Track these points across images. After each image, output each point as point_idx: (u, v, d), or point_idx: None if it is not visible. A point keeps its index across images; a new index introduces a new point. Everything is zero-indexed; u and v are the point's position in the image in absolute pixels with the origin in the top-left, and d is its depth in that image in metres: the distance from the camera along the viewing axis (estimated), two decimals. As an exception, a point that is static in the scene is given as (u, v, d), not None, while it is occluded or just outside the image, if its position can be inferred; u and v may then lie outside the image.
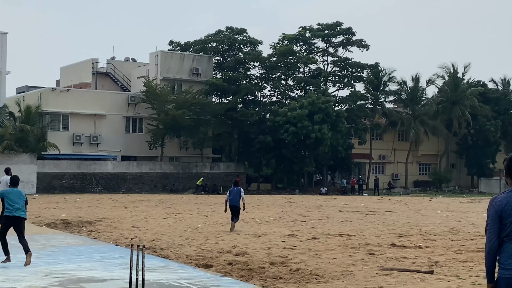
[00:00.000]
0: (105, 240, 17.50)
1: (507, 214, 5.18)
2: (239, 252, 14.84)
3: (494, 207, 5.24)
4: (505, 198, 5.24)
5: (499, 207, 5.21)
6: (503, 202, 5.23)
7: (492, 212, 5.24)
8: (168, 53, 63.91)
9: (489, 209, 5.29)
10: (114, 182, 55.23)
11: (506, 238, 5.20)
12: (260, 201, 39.45)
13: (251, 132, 61.49)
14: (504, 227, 5.19)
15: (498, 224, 5.20)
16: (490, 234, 5.21)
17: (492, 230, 5.21)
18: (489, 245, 5.20)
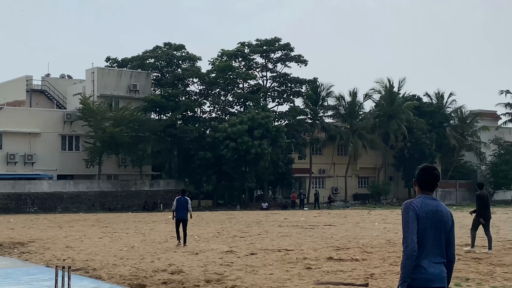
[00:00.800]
0: (36, 262, 16.90)
1: (421, 219, 5.36)
2: (175, 270, 14.53)
3: (413, 210, 5.36)
4: (419, 203, 5.42)
5: (417, 210, 5.37)
6: (419, 206, 5.40)
7: (411, 214, 5.34)
8: (105, 69, 63.02)
9: (407, 212, 5.39)
10: (50, 202, 53.84)
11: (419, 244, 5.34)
12: (200, 218, 39.02)
13: (191, 149, 61.05)
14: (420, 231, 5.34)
15: (417, 226, 5.33)
16: (411, 235, 5.29)
17: (412, 231, 5.30)
18: (411, 246, 5.25)
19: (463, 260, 15.64)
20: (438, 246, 5.42)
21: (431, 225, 5.38)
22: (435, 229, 5.40)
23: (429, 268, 5.31)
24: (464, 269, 13.92)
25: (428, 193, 5.54)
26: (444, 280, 5.39)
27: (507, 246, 19.10)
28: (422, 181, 5.56)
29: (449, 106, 76.85)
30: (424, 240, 5.34)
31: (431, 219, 5.40)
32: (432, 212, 5.42)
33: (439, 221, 5.43)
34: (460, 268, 13.94)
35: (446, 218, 5.47)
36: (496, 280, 12.19)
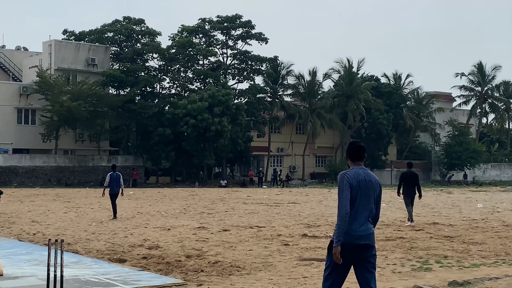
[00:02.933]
0: (6, 236, 16.55)
1: (353, 187, 6.27)
2: (152, 245, 14.42)
3: (347, 179, 6.29)
4: (352, 173, 6.35)
5: (350, 180, 6.30)
6: (352, 176, 6.33)
7: (345, 182, 6.26)
8: (62, 42, 61.71)
9: (342, 181, 6.31)
10: (5, 176, 52.75)
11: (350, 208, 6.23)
12: (162, 194, 38.89)
13: (149, 125, 60.45)
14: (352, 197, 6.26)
15: (350, 193, 6.25)
16: (345, 200, 6.21)
17: (346, 198, 6.22)
18: (345, 210, 6.19)
19: (436, 238, 15.95)
20: (368, 210, 6.34)
21: (362, 192, 6.31)
22: (365, 195, 6.33)
23: (358, 228, 6.25)
24: (439, 247, 14.19)
25: (359, 163, 6.50)
26: (370, 238, 6.35)
27: (473, 225, 19.55)
28: (352, 154, 6.55)
29: (406, 87, 78.06)
30: (355, 204, 6.26)
31: (362, 187, 6.32)
32: (363, 181, 6.35)
33: (369, 189, 6.36)
34: (436, 246, 14.23)
35: (375, 186, 6.43)
36: (474, 258, 12.47)
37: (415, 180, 19.59)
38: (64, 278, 8.58)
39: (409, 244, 14.71)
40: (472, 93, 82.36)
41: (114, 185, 21.68)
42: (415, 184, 19.53)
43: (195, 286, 9.59)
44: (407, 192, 19.50)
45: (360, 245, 6.28)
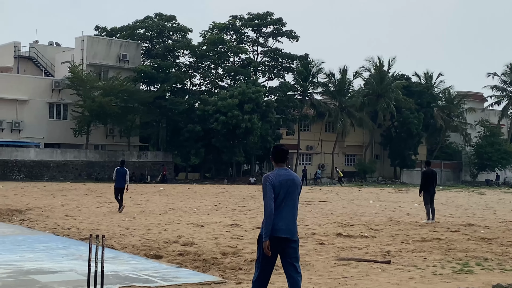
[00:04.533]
0: (41, 230, 16.68)
1: (276, 187, 7.00)
2: (186, 242, 14.37)
3: (269, 180, 7.03)
4: (275, 175, 7.09)
5: (272, 181, 7.02)
6: (274, 177, 7.06)
7: (268, 184, 7.00)
8: (94, 38, 62.17)
9: (265, 183, 7.06)
10: (36, 170, 53.34)
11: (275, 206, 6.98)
12: (192, 191, 38.96)
13: (179, 121, 60.64)
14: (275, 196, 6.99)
15: (273, 193, 6.98)
16: (269, 200, 6.98)
17: (270, 197, 6.98)
18: (270, 209, 6.97)
19: (473, 239, 15.66)
20: (290, 206, 7.11)
21: (284, 190, 7.03)
22: (288, 193, 7.06)
23: (280, 222, 6.99)
24: (477, 249, 13.92)
25: (281, 165, 7.23)
26: (291, 232, 7.10)
27: (509, 227, 19.19)
28: (275, 156, 7.29)
29: (437, 86, 77.18)
30: (277, 201, 7.00)
31: (284, 186, 7.04)
32: (285, 180, 7.07)
33: (290, 187, 7.09)
34: (474, 248, 13.96)
35: (296, 184, 7.17)
36: (515, 261, 12.21)
37: (435, 178, 20.26)
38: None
39: (446, 245, 14.46)
40: (504, 93, 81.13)
41: (120, 180, 22.72)
42: (435, 182, 20.18)
43: (234, 284, 9.51)
44: (428, 190, 19.98)
45: (282, 238, 7.01)
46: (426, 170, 20.50)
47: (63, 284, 8.89)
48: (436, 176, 20.58)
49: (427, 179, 20.08)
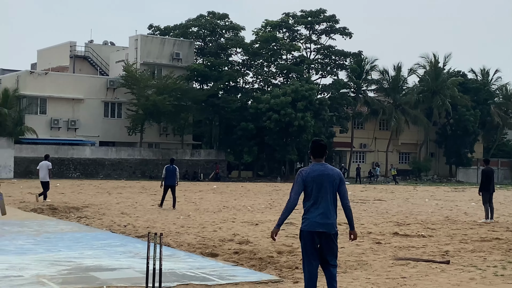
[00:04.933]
0: (98, 227, 16.91)
1: (308, 182, 7.09)
2: (242, 240, 14.34)
3: (300, 176, 7.15)
4: (308, 170, 7.17)
5: (304, 176, 7.12)
6: (307, 173, 7.14)
7: (298, 179, 7.15)
8: (148, 37, 62.92)
9: (296, 177, 7.20)
10: (92, 168, 54.33)
11: (308, 201, 7.13)
12: (246, 189, 39.04)
13: (232, 119, 60.85)
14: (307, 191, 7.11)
15: (301, 189, 7.12)
16: (294, 194, 7.13)
17: (295, 192, 7.13)
18: (291, 201, 7.15)
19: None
20: (325, 201, 7.09)
21: (317, 185, 7.07)
22: (322, 188, 7.07)
23: (315, 217, 7.05)
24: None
25: (319, 160, 7.24)
26: (327, 227, 7.11)
27: None
28: (312, 151, 7.30)
29: (494, 83, 75.46)
30: (312, 197, 7.08)
31: (317, 181, 7.07)
32: (318, 176, 7.08)
33: (325, 181, 7.08)
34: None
35: (332, 178, 7.13)
36: None
37: (493, 176, 20.31)
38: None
39: (507, 245, 14.04)
40: None
41: (169, 177, 23.00)
42: (493, 180, 20.19)
43: (291, 283, 9.42)
44: (487, 189, 19.85)
45: (319, 233, 7.07)
46: (486, 168, 20.29)
47: (122, 281, 8.94)
48: (493, 175, 20.51)
49: (487, 178, 19.94)
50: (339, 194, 7.20)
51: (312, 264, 7.23)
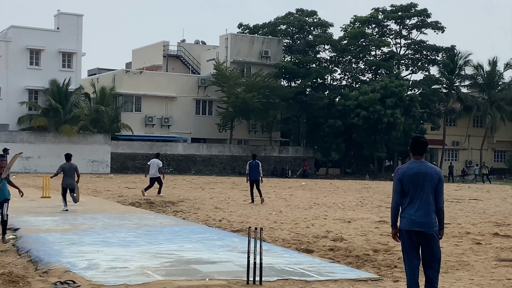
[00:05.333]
0: (194, 221, 17.29)
1: (405, 181, 7.03)
2: (336, 237, 14.29)
3: (398, 174, 7.12)
4: (404, 168, 7.11)
5: (400, 175, 7.08)
6: (403, 171, 7.09)
7: (396, 178, 7.11)
8: (238, 35, 63.65)
9: (394, 176, 7.20)
10: (184, 164, 55.55)
11: (405, 199, 7.06)
12: (334, 186, 38.83)
13: (320, 116, 60.67)
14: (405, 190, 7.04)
15: (399, 187, 7.06)
16: (394, 194, 7.11)
17: (396, 191, 7.10)
18: (393, 203, 7.14)
19: None
20: (422, 199, 6.98)
21: (415, 183, 6.97)
22: (419, 186, 6.97)
23: (411, 215, 6.98)
24: None
25: (417, 157, 7.14)
26: (424, 226, 6.97)
27: None
28: (412, 148, 7.20)
29: None
30: (409, 195, 7.02)
31: (414, 180, 6.98)
32: (415, 174, 6.98)
33: (423, 180, 6.96)
34: None
35: (430, 177, 6.99)
36: None
37: None
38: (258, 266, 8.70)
39: None
40: None
41: (252, 173, 23.55)
42: None
43: (391, 281, 9.32)
44: None
45: (417, 232, 7.00)
46: None
47: (223, 274, 9.12)
48: None
49: None
50: (435, 193, 7.06)
51: (412, 262, 7.13)
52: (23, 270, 9.60)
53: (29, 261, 10.27)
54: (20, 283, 8.52)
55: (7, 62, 50.07)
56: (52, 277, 8.93)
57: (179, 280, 8.54)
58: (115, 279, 8.61)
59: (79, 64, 53.30)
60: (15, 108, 50.01)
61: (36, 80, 50.91)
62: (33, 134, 49.00)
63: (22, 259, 10.56)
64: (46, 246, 11.41)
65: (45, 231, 13.81)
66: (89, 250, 11.11)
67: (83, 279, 8.61)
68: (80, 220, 16.04)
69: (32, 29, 51.90)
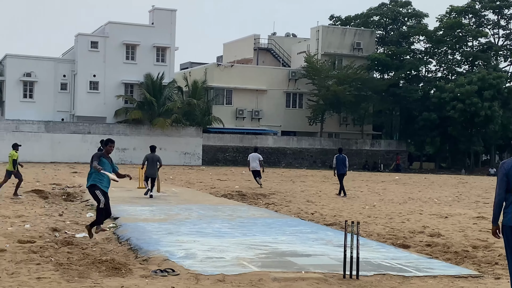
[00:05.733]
0: (286, 213, 17.31)
1: (510, 175, 6.79)
2: (433, 233, 13.93)
3: (502, 168, 6.89)
4: (510, 163, 6.87)
5: (505, 169, 6.85)
6: (509, 165, 6.85)
7: (500, 172, 6.87)
8: (329, 28, 63.17)
9: (498, 171, 6.97)
10: (274, 157, 55.76)
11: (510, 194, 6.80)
12: (429, 181, 37.91)
13: (414, 109, 59.38)
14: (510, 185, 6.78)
15: (505, 182, 6.80)
16: (498, 189, 6.88)
17: (499, 186, 6.86)
18: (498, 198, 6.90)
19: None
20: None
21: None
22: None
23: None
24: None
25: None
26: None
27: None
28: None
29: None
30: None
31: None
32: None
33: None
34: None
35: None
36: None
37: None
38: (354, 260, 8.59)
39: None
40: None
41: (340, 166, 23.86)
42: None
43: (493, 279, 8.99)
44: None
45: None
46: None
47: (319, 267, 9.06)
48: None
49: None
50: None
51: None
52: (124, 257, 9.90)
53: (129, 249, 10.59)
54: (122, 270, 8.79)
55: (104, 57, 51.84)
56: (152, 265, 9.17)
57: (274, 272, 8.55)
58: (212, 268, 8.73)
59: (172, 58, 54.49)
60: (112, 101, 51.74)
61: (131, 74, 52.47)
62: (128, 126, 50.57)
63: (123, 247, 10.90)
64: (145, 235, 11.73)
65: (142, 220, 14.21)
66: (185, 240, 11.33)
67: (182, 268, 8.79)
68: (176, 211, 16.39)
69: (128, 25, 53.47)
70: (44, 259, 9.58)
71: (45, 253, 10.14)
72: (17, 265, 9.12)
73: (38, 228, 13.05)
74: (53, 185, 24.24)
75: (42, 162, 45.40)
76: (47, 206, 17.71)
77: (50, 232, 12.64)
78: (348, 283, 8.33)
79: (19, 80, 50.51)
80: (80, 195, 20.53)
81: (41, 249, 10.49)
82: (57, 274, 8.46)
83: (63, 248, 10.77)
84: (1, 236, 11.70)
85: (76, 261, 9.43)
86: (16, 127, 47.15)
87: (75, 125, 49.17)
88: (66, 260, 9.56)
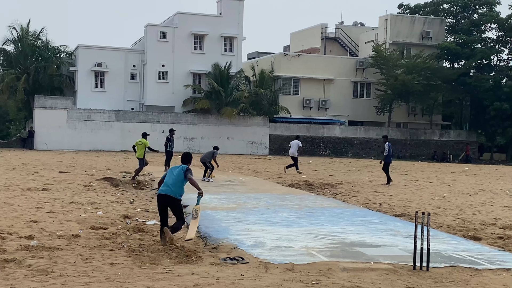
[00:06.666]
0: (354, 203, 17.24)
1: None
2: (505, 225, 13.63)
3: None
4: None
5: None
6: None
7: None
8: (398, 16, 62.10)
9: None
10: (341, 147, 55.42)
11: None
12: (501, 172, 36.90)
13: (485, 99, 57.76)
14: None
15: None
16: None
17: None
18: None
19: None
20: None
21: None
22: None
23: None
24: None
25: None
26: None
27: None
28: None
29: None
30: None
31: None
32: None
33: None
34: None
35: None
36: None
37: None
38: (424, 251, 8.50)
39: None
40: None
41: (391, 155, 24.66)
42: None
43: None
44: None
45: None
46: None
47: (388, 258, 9.02)
48: None
49: None
50: None
51: None
52: (194, 245, 10.11)
53: (198, 237, 10.79)
54: (192, 257, 8.98)
55: (173, 47, 52.57)
56: (221, 253, 9.33)
57: (344, 262, 8.57)
58: (281, 257, 8.80)
59: (239, 48, 54.76)
60: (180, 91, 52.46)
61: (199, 64, 53.04)
62: (196, 116, 51.22)
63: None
64: (214, 223, 11.92)
65: (211, 208, 14.43)
66: (254, 228, 11.45)
67: (251, 256, 8.90)
68: (244, 200, 16.56)
69: (197, 15, 54.00)
70: (116, 245, 9.89)
71: (117, 240, 10.47)
72: (91, 250, 9.45)
73: (110, 215, 13.46)
74: (124, 173, 24.86)
75: (113, 150, 46.59)
76: (118, 194, 18.22)
77: (122, 219, 13.03)
78: (418, 274, 8.26)
79: (90, 70, 51.81)
80: (150, 183, 21.01)
81: (113, 236, 10.83)
82: (129, 260, 8.72)
83: (134, 235, 11.09)
84: (75, 222, 12.14)
85: (147, 247, 9.69)
86: (88, 116, 48.49)
87: (144, 115, 50.16)
88: (138, 246, 9.84)
